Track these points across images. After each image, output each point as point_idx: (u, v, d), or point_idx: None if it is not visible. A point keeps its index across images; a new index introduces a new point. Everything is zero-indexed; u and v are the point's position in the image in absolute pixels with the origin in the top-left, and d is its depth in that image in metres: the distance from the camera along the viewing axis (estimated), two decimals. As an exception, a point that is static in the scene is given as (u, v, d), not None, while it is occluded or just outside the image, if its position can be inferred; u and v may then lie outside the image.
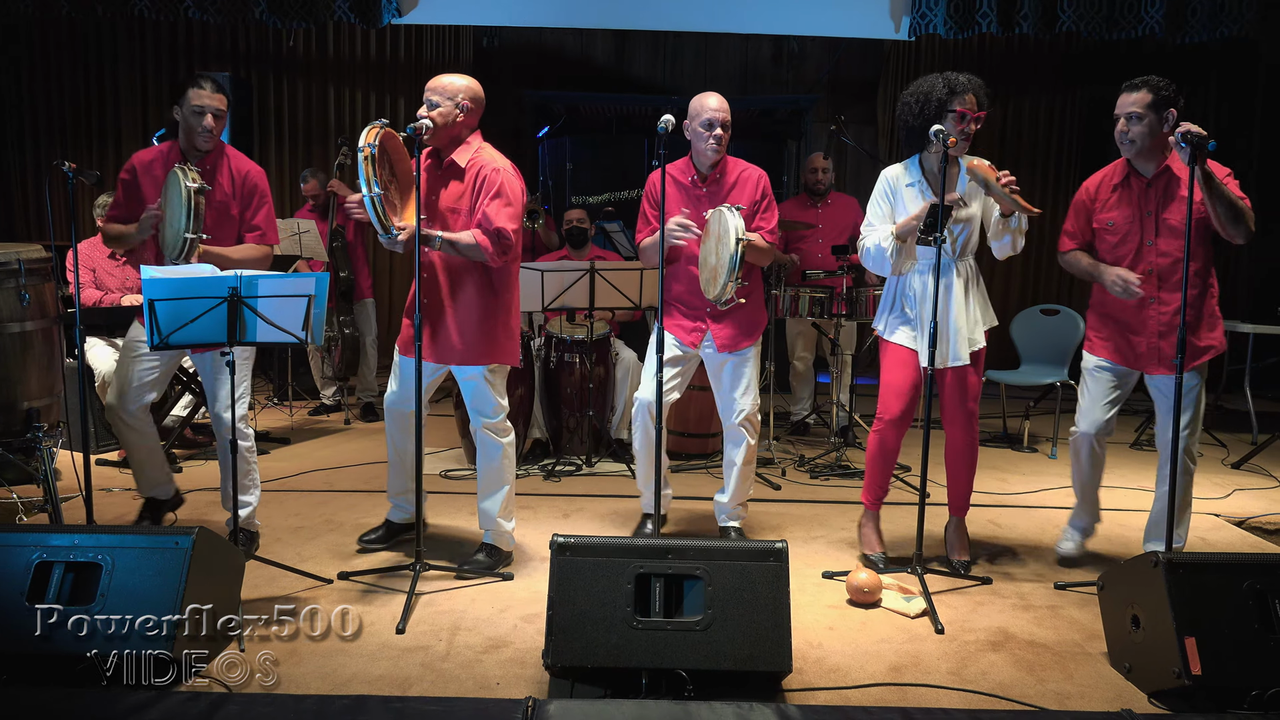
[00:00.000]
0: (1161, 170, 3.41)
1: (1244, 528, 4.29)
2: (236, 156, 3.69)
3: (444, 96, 3.38)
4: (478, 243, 3.32)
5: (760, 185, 3.71)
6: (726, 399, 3.78)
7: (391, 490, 3.82)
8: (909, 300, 3.51)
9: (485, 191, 3.37)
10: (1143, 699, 2.64)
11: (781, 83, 8.86)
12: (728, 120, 3.61)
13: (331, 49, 8.30)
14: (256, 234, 3.68)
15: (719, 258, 3.46)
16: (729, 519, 3.90)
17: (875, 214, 3.53)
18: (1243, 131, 8.27)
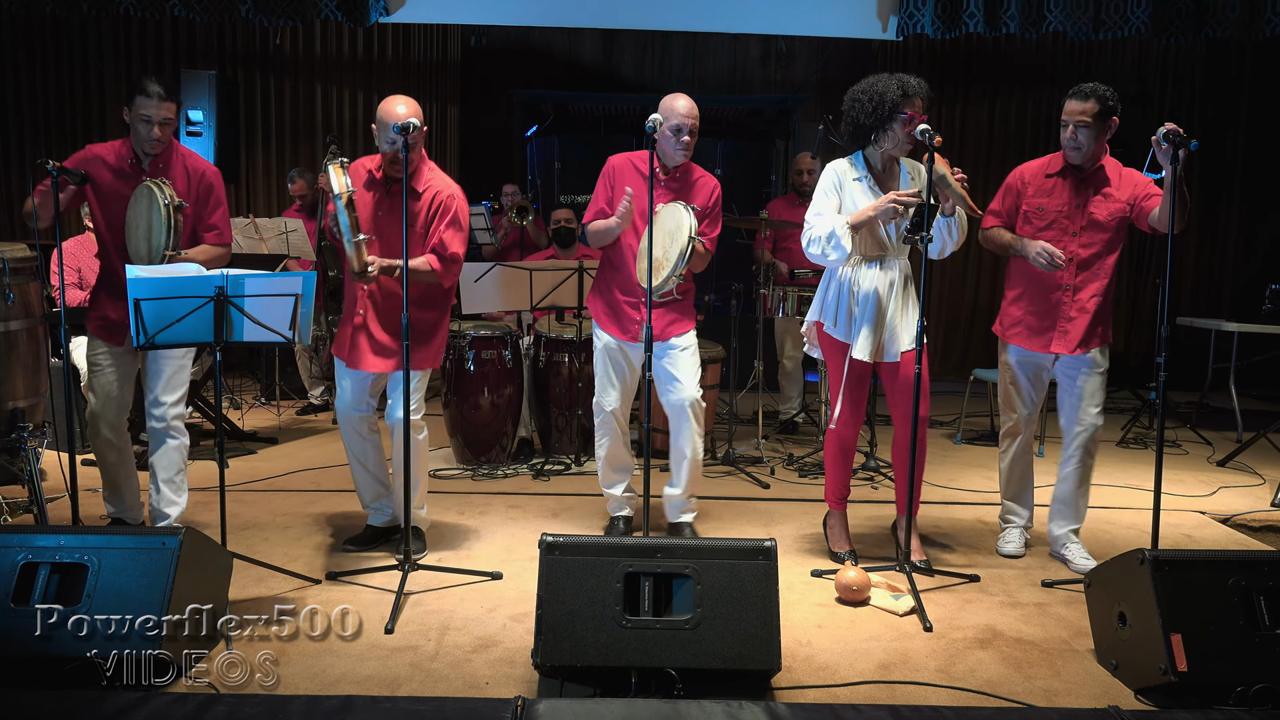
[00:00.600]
0: (1096, 167, 3.59)
1: (1229, 525, 4.32)
2: (190, 155, 3.67)
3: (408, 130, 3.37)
4: (432, 268, 3.47)
5: (714, 194, 3.75)
6: (668, 386, 3.74)
7: (364, 498, 3.82)
8: (859, 296, 3.49)
9: (441, 217, 3.52)
10: (1129, 695, 2.66)
11: (770, 82, 8.88)
12: (696, 126, 3.62)
13: (319, 47, 8.27)
14: (214, 233, 3.68)
15: (666, 251, 3.48)
16: (682, 513, 3.88)
17: (823, 205, 3.52)
18: (1227, 132, 8.33)
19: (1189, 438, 6.10)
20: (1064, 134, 3.56)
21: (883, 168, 3.53)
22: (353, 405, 3.66)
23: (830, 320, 3.57)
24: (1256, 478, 5.13)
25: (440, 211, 3.52)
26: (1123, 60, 8.24)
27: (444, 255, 3.50)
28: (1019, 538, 3.85)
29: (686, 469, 3.80)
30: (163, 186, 3.39)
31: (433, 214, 3.53)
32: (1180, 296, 8.41)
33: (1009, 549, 3.81)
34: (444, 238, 3.50)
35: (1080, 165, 3.58)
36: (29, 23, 7.83)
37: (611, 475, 3.92)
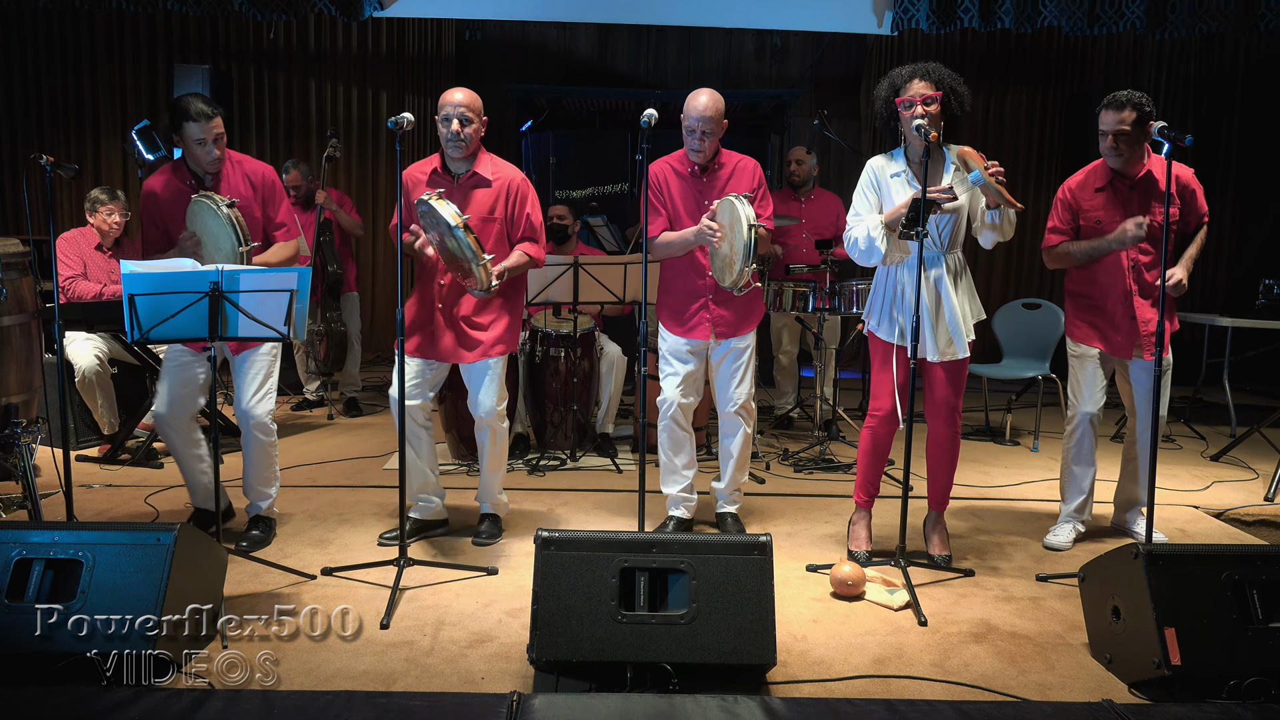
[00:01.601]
0: (1144, 174, 3.62)
1: (1223, 519, 4.33)
2: (244, 160, 3.72)
3: (474, 113, 3.51)
4: (530, 257, 3.63)
5: (756, 175, 3.75)
6: (723, 387, 3.82)
7: (412, 489, 3.80)
8: (899, 295, 3.50)
9: (521, 203, 3.65)
10: (1123, 689, 2.66)
11: (764, 77, 8.87)
12: (709, 129, 3.61)
13: (312, 42, 8.25)
14: (283, 230, 3.76)
15: (733, 246, 3.49)
16: (726, 504, 3.98)
17: (861, 204, 3.52)
18: (1222, 127, 8.35)
19: (1183, 432, 6.11)
20: (1103, 144, 3.59)
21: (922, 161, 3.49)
22: (411, 393, 3.62)
23: (875, 320, 3.58)
24: (1250, 472, 5.14)
25: (519, 198, 3.64)
26: (1117, 55, 8.25)
27: (536, 238, 3.67)
28: (1070, 530, 3.90)
29: (733, 467, 3.90)
30: (211, 195, 3.45)
31: (512, 202, 3.63)
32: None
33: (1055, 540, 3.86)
34: (531, 220, 3.67)
35: (1124, 172, 3.62)
36: (20, 16, 7.80)
37: (672, 474, 3.92)
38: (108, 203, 5.10)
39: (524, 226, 3.65)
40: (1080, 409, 3.82)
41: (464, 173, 3.59)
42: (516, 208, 3.63)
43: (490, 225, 3.60)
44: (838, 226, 5.75)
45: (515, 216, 3.64)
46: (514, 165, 3.73)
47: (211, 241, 3.46)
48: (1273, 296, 5.99)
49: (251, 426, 3.65)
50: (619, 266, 4.95)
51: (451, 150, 3.53)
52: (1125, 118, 3.52)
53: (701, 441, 5.27)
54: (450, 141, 3.49)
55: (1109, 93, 3.64)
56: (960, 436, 3.63)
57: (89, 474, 4.67)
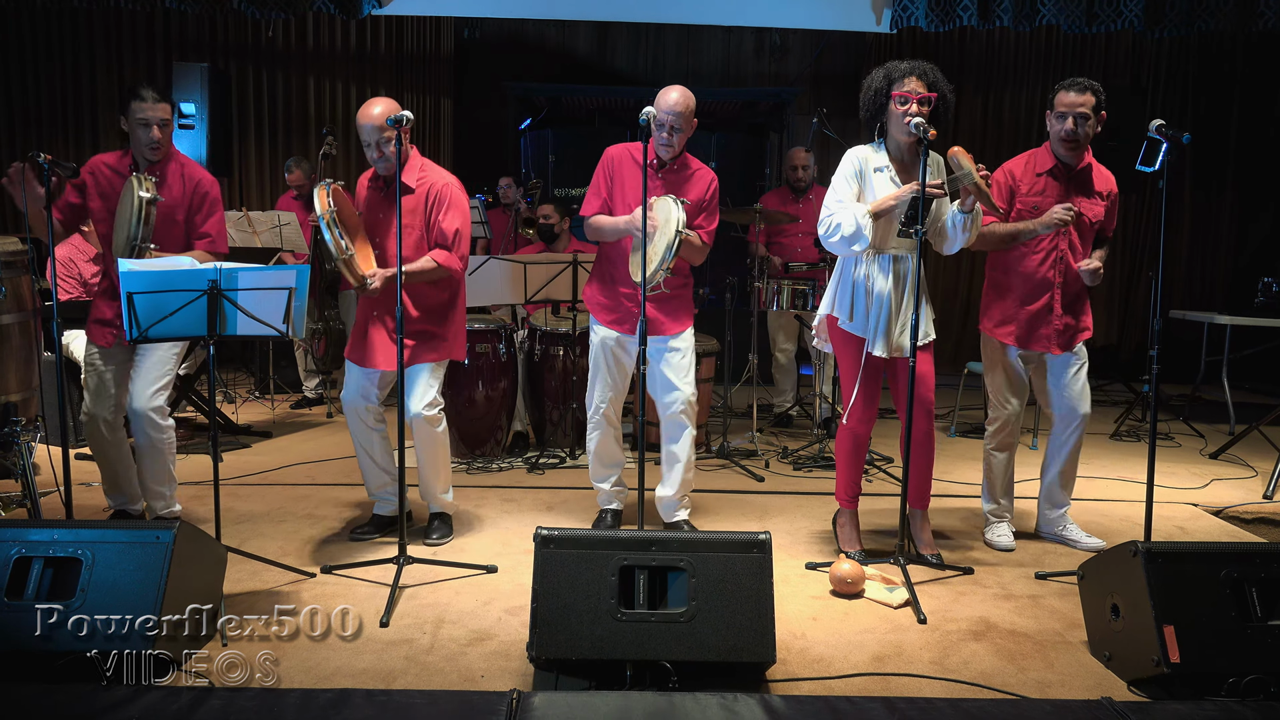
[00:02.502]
0: (1085, 165, 3.66)
1: (1221, 517, 4.33)
2: (189, 165, 3.72)
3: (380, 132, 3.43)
4: (437, 264, 3.53)
5: (711, 187, 3.73)
6: (660, 388, 3.75)
7: (370, 487, 3.87)
8: (873, 290, 3.48)
9: (438, 207, 3.59)
10: (1122, 687, 2.67)
11: (764, 75, 8.87)
12: (679, 124, 3.57)
13: (311, 40, 8.24)
14: (206, 240, 3.71)
15: (655, 245, 3.47)
16: (676, 512, 3.88)
17: (843, 191, 3.48)
18: (1220, 125, 8.35)
19: (1181, 430, 6.12)
20: (1061, 125, 3.57)
21: (904, 158, 3.49)
22: (359, 397, 3.71)
23: (845, 315, 3.53)
24: (1249, 470, 5.15)
25: (435, 203, 3.59)
26: (1116, 53, 8.26)
27: (446, 245, 3.57)
28: (1009, 530, 3.88)
29: (679, 470, 3.80)
30: (142, 180, 3.42)
31: (429, 207, 3.59)
32: (1173, 290, 8.44)
33: (1005, 542, 3.83)
34: (441, 227, 3.58)
35: (1071, 164, 3.64)
36: (19, 14, 7.79)
37: (601, 469, 3.93)
38: None
39: (436, 233, 3.59)
40: (1009, 409, 3.79)
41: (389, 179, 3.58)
42: (432, 213, 3.59)
43: (409, 232, 3.56)
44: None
45: (430, 223, 3.60)
46: (445, 171, 3.69)
47: (122, 220, 3.45)
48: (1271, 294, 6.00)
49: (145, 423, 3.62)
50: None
51: (377, 168, 3.56)
52: (1086, 101, 3.54)
53: (701, 440, 5.27)
54: (374, 162, 3.52)
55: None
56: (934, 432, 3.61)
57: (88, 472, 4.66)
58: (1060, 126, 3.58)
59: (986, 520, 3.95)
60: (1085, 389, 3.75)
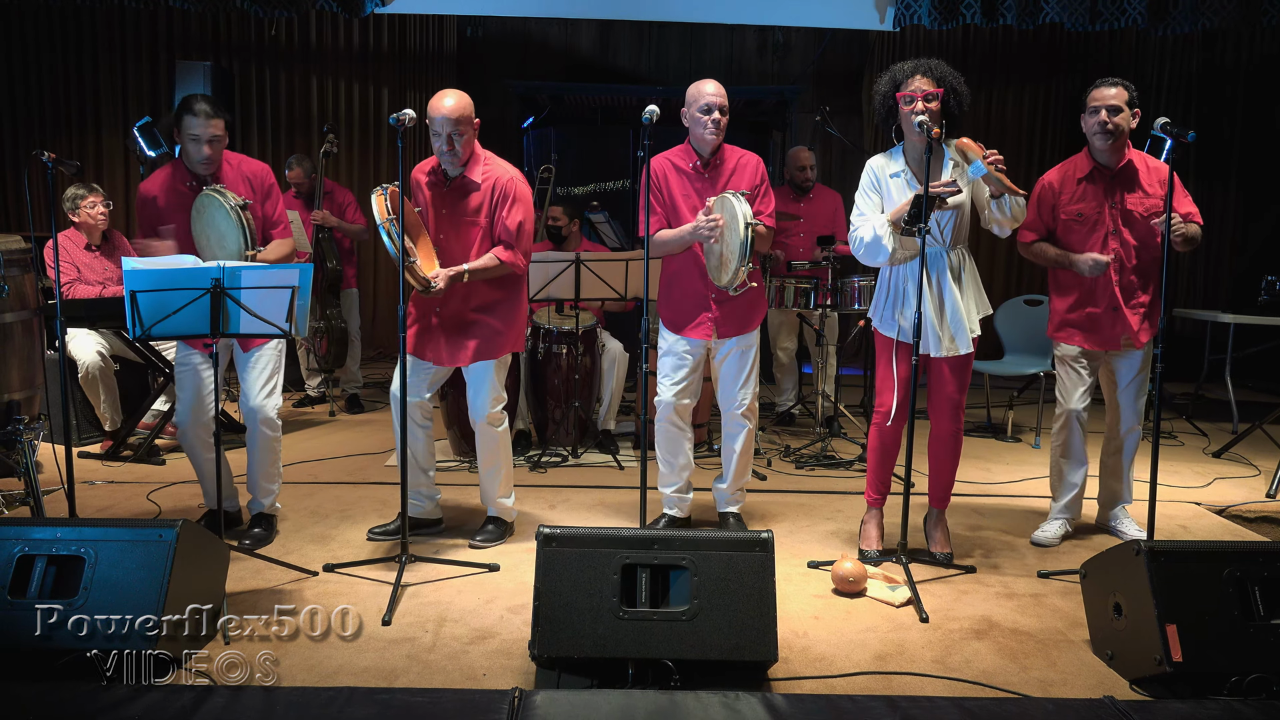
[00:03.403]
0: (1125, 162, 3.66)
1: (1224, 516, 4.33)
2: (243, 160, 3.71)
3: (465, 123, 3.45)
4: (500, 261, 3.52)
5: (759, 171, 3.72)
6: (728, 389, 3.79)
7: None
8: (904, 291, 3.49)
9: (502, 203, 3.55)
10: (1124, 686, 2.66)
11: (767, 73, 8.86)
12: (725, 105, 3.60)
13: (314, 38, 8.24)
14: (280, 228, 3.75)
15: (727, 244, 3.46)
16: (728, 504, 3.93)
17: (865, 204, 3.50)
18: (1224, 123, 8.33)
19: (1185, 429, 6.11)
20: (1093, 119, 3.58)
21: (921, 159, 3.47)
22: (410, 391, 3.64)
23: (878, 316, 3.57)
24: (1252, 469, 5.14)
25: (500, 198, 3.55)
26: (1120, 51, 8.24)
27: (509, 242, 3.54)
28: (1057, 530, 3.90)
29: (736, 467, 3.85)
30: (223, 191, 3.44)
31: (494, 203, 3.56)
32: (1177, 288, 8.43)
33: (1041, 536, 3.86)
34: (505, 222, 3.54)
35: (1109, 165, 3.65)
36: (22, 12, 7.80)
37: (668, 474, 3.90)
38: (87, 195, 5.06)
39: (499, 229, 3.57)
40: (1066, 407, 3.82)
41: (456, 175, 3.56)
42: (496, 210, 3.57)
43: (473, 229, 3.56)
44: (836, 223, 5.75)
45: (495, 218, 3.58)
46: (511, 166, 3.67)
47: (217, 239, 3.45)
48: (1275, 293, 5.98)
49: (260, 423, 3.65)
50: (620, 263, 4.95)
51: (444, 162, 3.53)
52: (1118, 94, 3.56)
53: (702, 438, 5.28)
54: (442, 155, 3.49)
55: None
56: (963, 433, 3.63)
57: (91, 470, 4.68)
58: (1093, 120, 3.59)
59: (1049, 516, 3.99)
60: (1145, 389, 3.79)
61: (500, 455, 3.74)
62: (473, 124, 3.49)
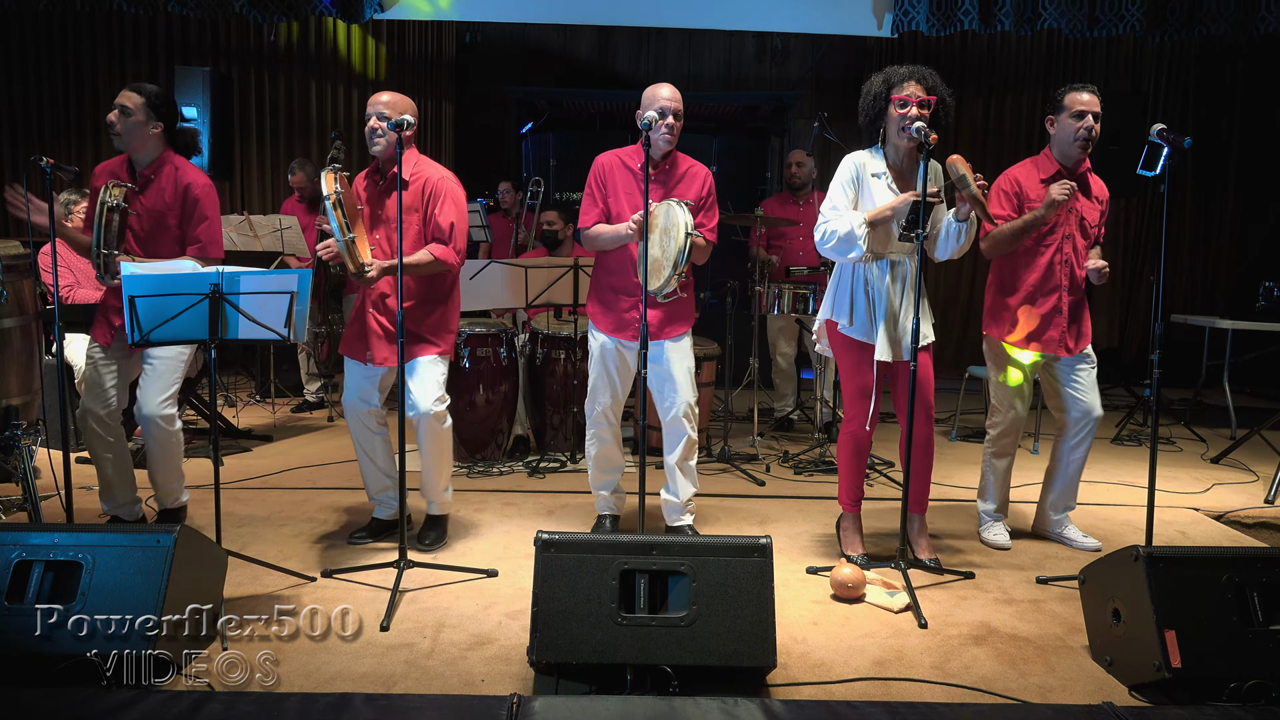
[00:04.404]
0: (1083, 170, 3.71)
1: (1223, 522, 4.33)
2: (185, 167, 3.67)
3: (395, 113, 3.47)
4: (434, 258, 3.52)
5: (706, 183, 3.71)
6: (660, 392, 3.73)
7: (371, 491, 3.86)
8: (873, 294, 3.48)
9: (433, 201, 3.57)
10: (1123, 691, 2.66)
11: (765, 79, 8.88)
12: (679, 110, 3.60)
13: (313, 44, 8.25)
14: (196, 246, 3.66)
15: (665, 250, 3.45)
16: (681, 516, 3.86)
17: (839, 198, 3.48)
18: (1221, 129, 8.35)
19: (1183, 435, 6.11)
20: (1079, 124, 3.59)
21: (902, 165, 3.50)
22: (360, 400, 3.70)
23: (845, 319, 3.53)
24: (1250, 474, 5.14)
25: (432, 195, 3.57)
26: (1117, 58, 8.26)
27: (443, 239, 3.55)
28: (1005, 529, 3.93)
29: (682, 476, 3.80)
30: (109, 188, 3.42)
31: (426, 200, 3.58)
32: (1175, 294, 8.44)
33: (1003, 540, 3.87)
34: (438, 220, 3.56)
35: (1073, 167, 3.68)
36: (21, 18, 7.81)
37: (601, 475, 3.90)
38: (81, 200, 5.06)
39: (433, 227, 3.57)
40: (1017, 412, 3.83)
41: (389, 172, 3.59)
42: (429, 207, 3.58)
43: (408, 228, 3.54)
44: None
45: (428, 215, 3.58)
46: (440, 166, 3.68)
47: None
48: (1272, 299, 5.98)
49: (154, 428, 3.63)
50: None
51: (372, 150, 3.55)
52: (1095, 101, 3.60)
53: (702, 444, 5.27)
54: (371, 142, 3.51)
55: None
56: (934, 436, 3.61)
57: (89, 476, 4.66)
58: (1078, 125, 3.59)
59: (981, 520, 3.97)
60: (1096, 392, 3.78)
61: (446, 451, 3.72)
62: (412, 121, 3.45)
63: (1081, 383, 3.75)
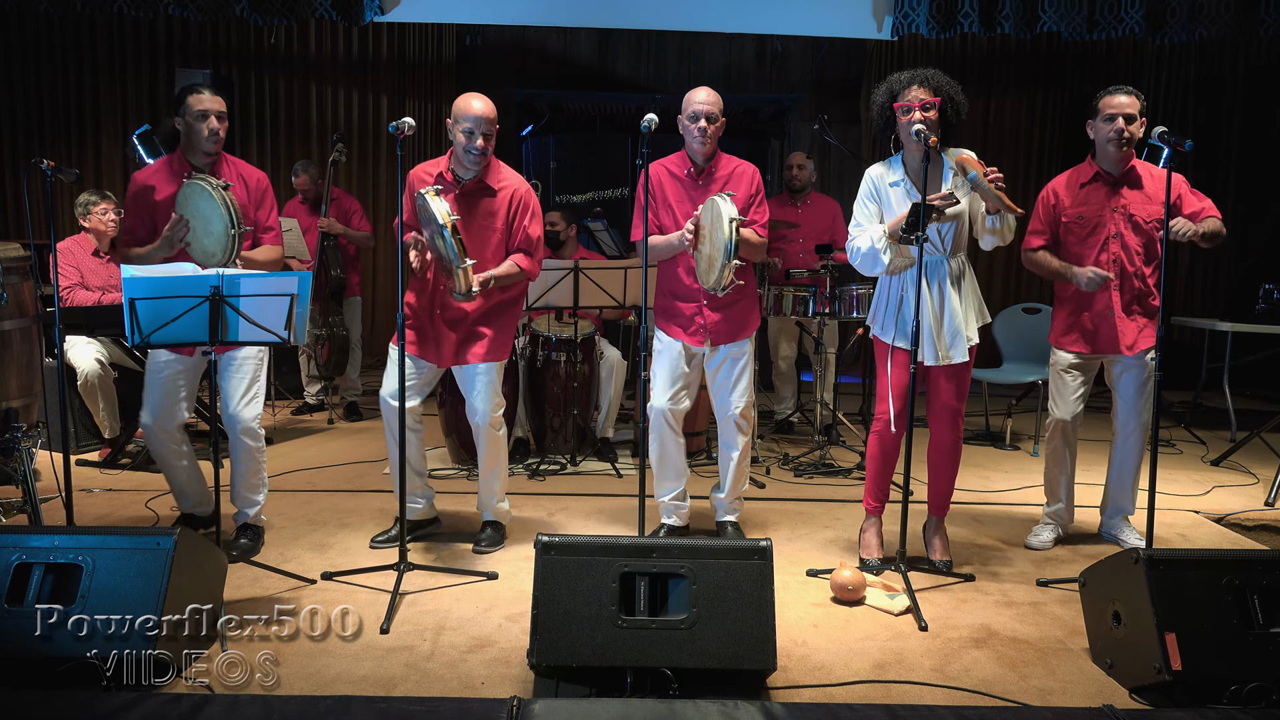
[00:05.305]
0: (1128, 168, 3.69)
1: (1223, 524, 4.33)
2: (239, 163, 3.72)
3: (493, 125, 3.51)
4: (521, 269, 3.64)
5: (754, 181, 3.72)
6: (722, 395, 3.78)
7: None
8: (904, 299, 3.49)
9: (523, 214, 3.66)
10: (1124, 694, 2.66)
11: (765, 82, 8.88)
12: (714, 113, 3.61)
13: (313, 46, 8.26)
14: (272, 234, 3.76)
15: (714, 244, 3.46)
16: (726, 513, 3.92)
17: (862, 214, 3.51)
18: (1221, 132, 8.35)
19: (1183, 437, 6.11)
20: (1110, 126, 3.60)
21: (920, 169, 3.49)
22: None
23: (878, 325, 3.57)
24: (1250, 477, 5.14)
25: (521, 208, 3.65)
26: (1117, 60, 8.27)
27: (530, 250, 3.67)
28: (1050, 534, 3.94)
29: (733, 476, 3.84)
30: (205, 177, 3.43)
31: (514, 212, 3.64)
32: (1175, 296, 8.44)
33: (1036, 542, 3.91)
34: (528, 231, 3.66)
35: (1112, 171, 3.67)
36: (22, 20, 7.81)
37: (662, 482, 3.88)
38: (100, 202, 5.10)
39: (520, 238, 3.64)
40: (1054, 415, 3.86)
41: (470, 179, 3.58)
42: (516, 219, 3.64)
43: (490, 235, 3.60)
44: (834, 231, 5.76)
45: (514, 227, 3.64)
46: (520, 174, 3.74)
47: (202, 224, 3.42)
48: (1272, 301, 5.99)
49: (240, 432, 3.62)
50: (619, 271, 4.96)
51: (468, 161, 3.52)
52: (1132, 103, 3.60)
53: (701, 446, 5.28)
54: (469, 153, 3.49)
55: None
56: (962, 441, 3.63)
57: (89, 478, 4.67)
58: (1109, 128, 3.60)
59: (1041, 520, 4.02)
60: (1146, 397, 3.77)
61: (501, 458, 3.78)
62: (495, 127, 3.55)
63: (1135, 388, 3.77)
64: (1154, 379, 3.37)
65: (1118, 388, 3.82)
